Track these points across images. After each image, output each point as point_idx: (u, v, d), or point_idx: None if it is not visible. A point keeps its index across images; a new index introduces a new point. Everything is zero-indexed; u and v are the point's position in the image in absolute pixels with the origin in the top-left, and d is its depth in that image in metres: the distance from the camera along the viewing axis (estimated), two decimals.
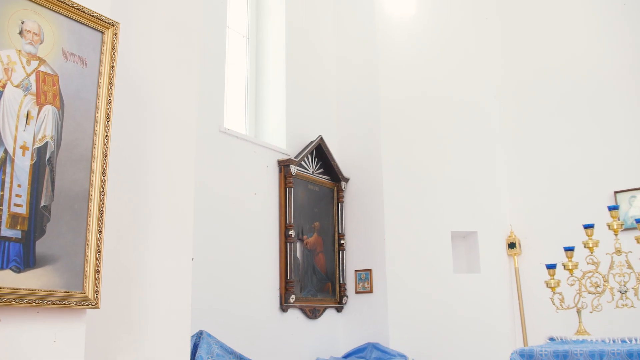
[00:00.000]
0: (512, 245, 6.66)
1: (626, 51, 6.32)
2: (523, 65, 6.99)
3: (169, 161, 3.11)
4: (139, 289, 2.86)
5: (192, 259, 3.21)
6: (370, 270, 6.36)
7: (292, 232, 5.77)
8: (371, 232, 6.43)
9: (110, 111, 2.55)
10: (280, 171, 5.88)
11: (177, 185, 3.14)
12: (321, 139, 6.32)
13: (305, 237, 6.05)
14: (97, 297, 2.41)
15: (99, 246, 2.43)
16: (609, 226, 4.82)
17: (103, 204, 2.47)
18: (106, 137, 2.52)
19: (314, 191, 6.27)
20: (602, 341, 4.17)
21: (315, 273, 6.12)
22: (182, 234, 3.12)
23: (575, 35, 6.67)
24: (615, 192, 6.17)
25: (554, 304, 4.97)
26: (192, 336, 4.18)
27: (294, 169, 5.89)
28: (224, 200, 5.24)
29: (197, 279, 4.64)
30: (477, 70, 7.01)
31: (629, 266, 4.67)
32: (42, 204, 2.27)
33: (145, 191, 2.96)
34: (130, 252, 2.85)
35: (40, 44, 2.33)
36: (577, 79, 6.58)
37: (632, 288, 4.66)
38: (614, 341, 4.13)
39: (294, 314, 5.82)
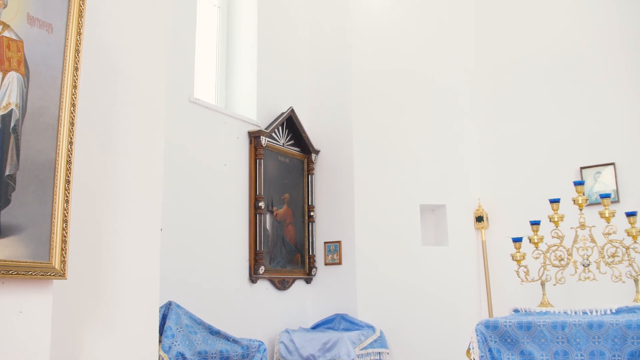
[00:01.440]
0: (479, 219, 6.75)
1: (593, 31, 6.38)
2: (495, 41, 7.02)
3: (137, 131, 3.07)
4: (106, 259, 2.84)
5: (161, 229, 3.19)
6: (339, 242, 6.39)
7: (261, 204, 5.77)
8: (341, 204, 6.45)
9: (77, 79, 2.50)
10: (250, 142, 5.85)
11: (146, 156, 3.10)
12: (292, 110, 6.29)
13: (275, 208, 6.05)
14: (64, 267, 2.38)
15: (65, 216, 2.40)
16: (574, 201, 4.91)
17: (70, 173, 2.43)
18: (73, 105, 2.47)
19: (284, 163, 6.25)
20: (565, 313, 4.26)
21: (284, 245, 6.14)
22: (150, 205, 3.09)
23: (546, 15, 6.71)
24: (581, 168, 6.27)
25: (519, 277, 5.07)
26: (161, 307, 4.17)
27: (264, 140, 5.86)
28: (193, 171, 5.20)
29: (166, 249, 4.62)
30: (449, 44, 7.02)
31: (592, 240, 4.77)
32: (7, 172, 2.22)
33: (113, 161, 2.92)
34: (97, 222, 2.82)
35: (4, 8, 2.26)
36: (546, 57, 6.64)
37: (595, 262, 4.77)
38: (575, 313, 4.22)
39: (263, 285, 5.84)
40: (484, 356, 3.99)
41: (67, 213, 2.40)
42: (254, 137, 5.84)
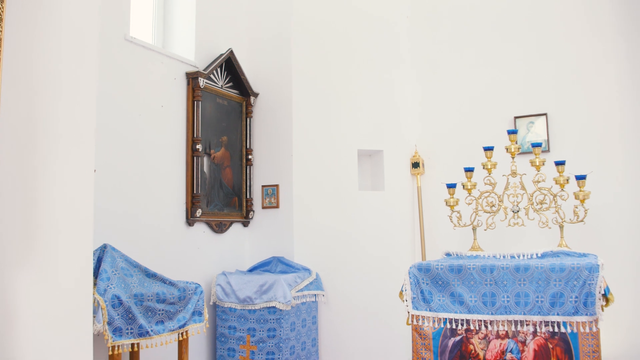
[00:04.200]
0: (415, 165, 6.87)
1: None
2: None
3: (69, 70, 2.95)
4: (38, 201, 2.76)
5: (95, 170, 3.11)
6: (277, 185, 6.40)
7: (199, 146, 5.69)
8: (279, 148, 6.43)
9: (2, 11, 2.37)
10: (188, 84, 5.71)
11: (79, 95, 3.00)
12: (231, 52, 6.16)
13: (212, 151, 5.99)
14: None
15: None
16: (507, 149, 5.04)
17: None
18: None
19: (222, 105, 6.16)
20: (494, 256, 4.43)
21: (222, 188, 6.10)
22: (83, 146, 3.00)
23: None
24: (515, 118, 6.43)
25: (452, 222, 5.22)
26: (96, 250, 4.11)
27: (202, 82, 5.74)
28: (129, 112, 5.06)
29: (100, 192, 4.54)
30: None
31: (522, 187, 4.94)
32: None
33: (43, 101, 2.81)
34: (28, 164, 2.73)
35: None
36: (484, 7, 6.69)
37: (524, 208, 4.95)
38: (504, 257, 4.38)
39: (200, 228, 5.82)
40: (416, 298, 4.13)
41: None
42: (192, 78, 5.71)
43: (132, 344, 3.93)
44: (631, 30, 6.11)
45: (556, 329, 3.76)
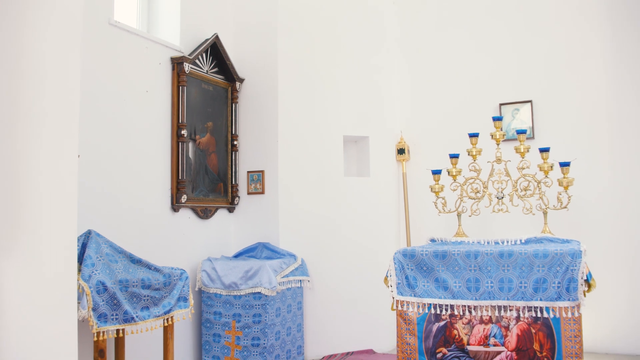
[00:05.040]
0: (401, 151, 6.88)
1: None
2: None
3: (52, 55, 2.91)
4: (21, 187, 2.74)
5: (79, 156, 3.09)
6: (262, 171, 6.39)
7: (184, 132, 5.66)
8: (264, 133, 6.41)
9: None
10: (173, 69, 5.67)
11: (62, 80, 2.96)
12: (217, 37, 6.12)
13: (197, 137, 5.96)
14: None
15: None
16: (492, 136, 5.06)
17: None
18: None
19: (207, 91, 6.12)
20: (478, 242, 4.46)
21: (207, 173, 6.08)
22: (67, 131, 2.97)
23: None
24: (500, 104, 6.46)
25: (437, 208, 5.24)
26: (80, 236, 4.09)
27: (187, 67, 5.70)
28: (113, 97, 5.01)
29: (84, 177, 4.52)
30: None
31: (507, 174, 4.97)
32: None
33: (25, 84, 2.78)
34: (11, 149, 2.70)
35: None
36: None
37: (508, 194, 4.98)
38: (488, 242, 4.42)
39: (186, 214, 5.80)
40: (401, 283, 4.15)
41: None
42: (177, 63, 5.66)
43: (117, 330, 3.92)
44: (617, 18, 6.14)
45: (539, 314, 3.80)
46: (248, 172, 6.46)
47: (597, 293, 5.53)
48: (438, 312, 4.04)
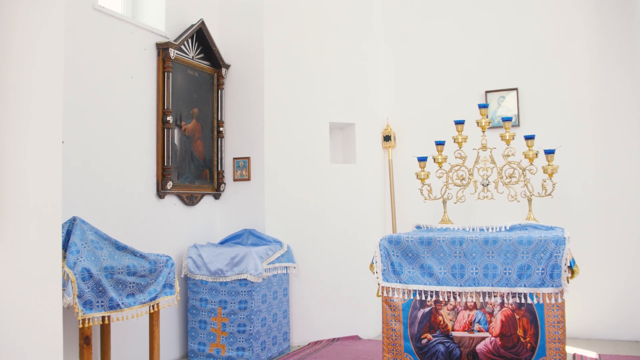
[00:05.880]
0: (387, 138, 6.89)
1: None
2: None
3: (35, 40, 2.87)
4: (4, 174, 2.71)
5: (63, 142, 3.06)
6: (248, 158, 6.37)
7: (170, 118, 5.63)
8: (250, 120, 6.39)
9: None
10: (158, 55, 5.63)
11: (45, 65, 2.93)
12: (202, 22, 6.07)
13: (183, 123, 5.93)
14: None
15: None
16: (478, 123, 5.08)
17: None
18: None
19: (193, 77, 6.08)
20: (463, 229, 4.49)
21: (193, 160, 6.06)
22: (51, 117, 2.94)
23: None
24: (486, 92, 6.48)
25: (422, 195, 5.26)
26: (65, 223, 4.07)
27: (173, 52, 5.66)
28: (98, 83, 4.97)
29: (69, 164, 4.48)
30: None
31: (492, 161, 4.99)
32: None
33: (8, 70, 2.74)
34: None
35: None
36: None
37: (493, 182, 5.01)
38: (473, 229, 4.45)
39: (171, 201, 5.78)
40: (386, 270, 4.17)
41: None
42: (162, 49, 5.62)
43: (103, 317, 3.92)
44: (604, 7, 6.16)
45: (523, 300, 3.84)
46: (234, 158, 6.44)
47: (580, 279, 5.60)
48: (423, 298, 4.06)
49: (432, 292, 4.05)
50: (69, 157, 4.49)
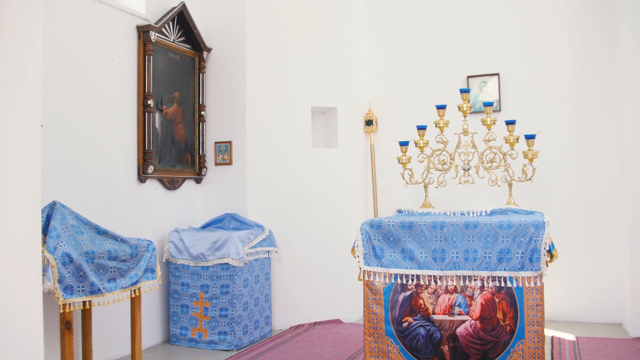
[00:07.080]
0: (369, 123, 6.89)
1: None
2: None
3: (12, 23, 2.83)
4: None
5: (42, 126, 3.03)
6: (230, 142, 6.35)
7: (150, 102, 5.58)
8: (232, 104, 6.36)
9: None
10: (139, 37, 5.56)
11: (23, 49, 2.88)
12: (183, 5, 6.00)
13: (164, 107, 5.88)
14: None
15: None
16: (459, 108, 5.09)
17: None
18: None
19: (174, 60, 6.03)
20: (444, 213, 4.51)
21: (174, 144, 6.02)
22: (29, 100, 2.91)
23: None
24: (468, 77, 6.50)
25: (404, 179, 5.27)
26: (44, 208, 4.03)
27: (153, 35, 5.60)
28: (77, 66, 4.90)
29: (48, 148, 4.43)
30: None
31: (474, 146, 5.01)
32: None
33: None
34: None
35: None
36: None
37: (474, 166, 5.04)
38: (454, 214, 4.47)
39: (152, 185, 5.75)
40: (368, 254, 4.19)
41: None
42: (143, 32, 5.56)
43: (84, 302, 3.90)
44: None
45: (502, 284, 3.88)
46: (215, 142, 6.41)
47: (558, 263, 5.66)
48: (404, 282, 4.09)
49: (413, 275, 4.07)
50: (48, 140, 4.44)
